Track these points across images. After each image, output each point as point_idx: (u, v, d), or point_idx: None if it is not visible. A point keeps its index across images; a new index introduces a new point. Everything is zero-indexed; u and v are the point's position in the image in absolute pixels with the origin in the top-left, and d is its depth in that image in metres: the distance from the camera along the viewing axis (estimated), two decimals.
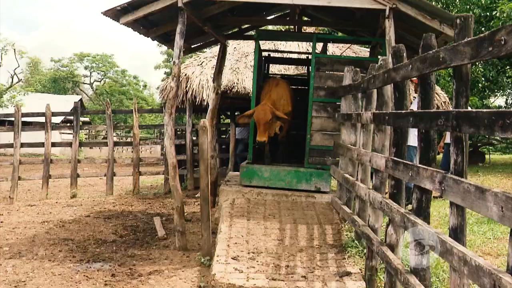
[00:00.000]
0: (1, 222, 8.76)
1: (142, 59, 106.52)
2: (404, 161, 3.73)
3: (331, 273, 4.83)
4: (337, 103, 7.66)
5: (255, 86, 8.66)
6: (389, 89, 4.84)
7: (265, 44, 14.17)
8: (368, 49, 11.54)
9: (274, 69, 13.75)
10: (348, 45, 13.91)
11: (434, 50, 3.18)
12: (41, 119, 12.41)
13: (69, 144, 12.60)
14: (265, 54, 11.67)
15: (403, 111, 3.88)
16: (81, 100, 37.12)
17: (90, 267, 6.05)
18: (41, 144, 12.21)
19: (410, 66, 3.61)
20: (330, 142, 7.83)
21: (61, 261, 6.26)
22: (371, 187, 4.93)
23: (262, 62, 10.37)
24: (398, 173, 3.81)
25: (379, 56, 6.74)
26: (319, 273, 4.84)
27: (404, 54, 4.27)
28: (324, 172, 7.77)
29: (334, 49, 14.46)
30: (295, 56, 13.67)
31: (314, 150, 8.06)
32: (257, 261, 5.11)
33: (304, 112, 8.33)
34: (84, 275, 5.67)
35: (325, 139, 8.02)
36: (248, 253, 5.34)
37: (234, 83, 12.96)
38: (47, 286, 5.28)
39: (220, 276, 4.69)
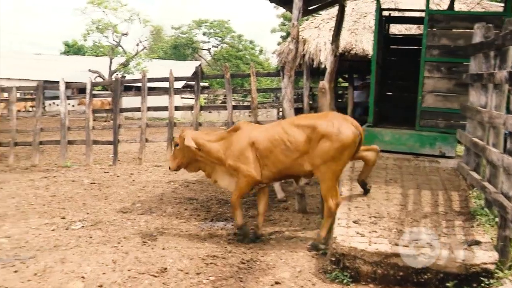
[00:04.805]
0: (133, 180, 9.41)
1: (256, 26, 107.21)
2: None
3: (459, 241, 4.60)
4: (453, 62, 7.25)
5: (375, 47, 8.36)
6: None
7: (385, 3, 13.57)
8: (502, 4, 10.66)
9: (395, 29, 13.18)
10: (478, 0, 12.95)
11: None
12: (164, 85, 12.95)
13: (190, 108, 13.05)
14: (385, 13, 11.21)
15: None
16: (200, 65, 38.30)
17: (213, 225, 6.32)
18: (165, 108, 12.76)
19: None
20: (443, 104, 7.45)
21: (187, 219, 6.59)
22: (503, 152, 4.60)
23: (382, 23, 9.97)
24: None
25: None
26: (446, 240, 4.63)
27: None
28: (449, 136, 7.38)
29: (460, 5, 13.51)
30: (417, 14, 12.96)
31: (425, 112, 7.70)
32: (379, 226, 5.00)
33: (414, 73, 7.95)
34: (208, 233, 5.94)
35: (438, 100, 7.62)
36: (370, 217, 5.24)
37: (352, 44, 12.61)
38: (176, 241, 5.59)
39: (341, 240, 4.65)
